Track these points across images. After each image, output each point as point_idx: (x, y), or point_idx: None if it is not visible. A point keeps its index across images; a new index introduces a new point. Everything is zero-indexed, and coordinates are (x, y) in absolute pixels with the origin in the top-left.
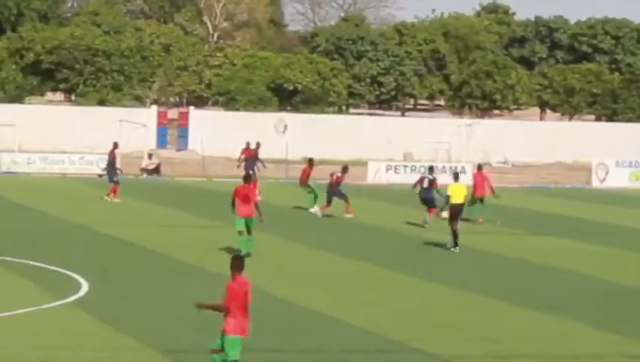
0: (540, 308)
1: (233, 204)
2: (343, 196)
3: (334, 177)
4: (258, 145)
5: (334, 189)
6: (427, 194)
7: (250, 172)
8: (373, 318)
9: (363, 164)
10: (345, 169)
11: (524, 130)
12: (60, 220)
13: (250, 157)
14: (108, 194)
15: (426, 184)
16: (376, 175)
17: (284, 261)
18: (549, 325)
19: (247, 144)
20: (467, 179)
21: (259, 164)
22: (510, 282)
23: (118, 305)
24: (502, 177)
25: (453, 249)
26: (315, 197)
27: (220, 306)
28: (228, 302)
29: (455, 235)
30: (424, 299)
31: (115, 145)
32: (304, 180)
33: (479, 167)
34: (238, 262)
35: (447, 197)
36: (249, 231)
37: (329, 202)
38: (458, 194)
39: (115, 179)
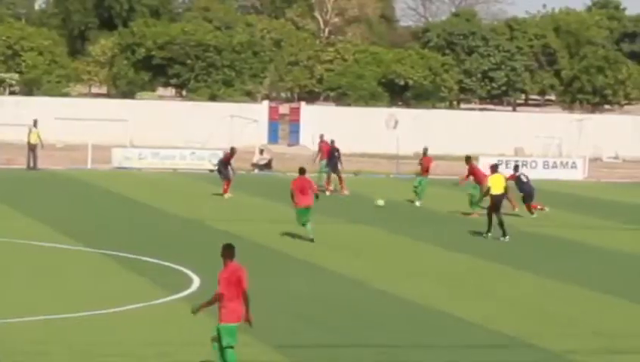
0: None
1: (292, 195)
2: None
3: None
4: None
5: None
6: (529, 188)
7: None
8: (486, 312)
9: (474, 159)
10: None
11: (635, 125)
12: (172, 215)
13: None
14: (224, 192)
15: (524, 178)
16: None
17: (391, 255)
18: None
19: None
20: (579, 175)
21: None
22: (620, 277)
23: None
24: (613, 172)
25: (502, 239)
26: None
27: (214, 298)
28: (221, 290)
29: (501, 224)
30: (530, 291)
31: (233, 151)
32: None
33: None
34: (228, 250)
35: (488, 189)
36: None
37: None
38: (498, 185)
39: (230, 176)
